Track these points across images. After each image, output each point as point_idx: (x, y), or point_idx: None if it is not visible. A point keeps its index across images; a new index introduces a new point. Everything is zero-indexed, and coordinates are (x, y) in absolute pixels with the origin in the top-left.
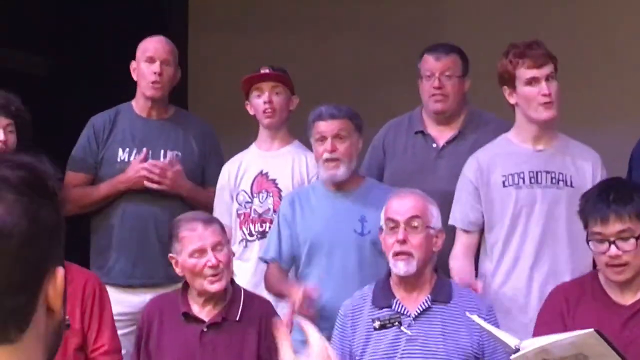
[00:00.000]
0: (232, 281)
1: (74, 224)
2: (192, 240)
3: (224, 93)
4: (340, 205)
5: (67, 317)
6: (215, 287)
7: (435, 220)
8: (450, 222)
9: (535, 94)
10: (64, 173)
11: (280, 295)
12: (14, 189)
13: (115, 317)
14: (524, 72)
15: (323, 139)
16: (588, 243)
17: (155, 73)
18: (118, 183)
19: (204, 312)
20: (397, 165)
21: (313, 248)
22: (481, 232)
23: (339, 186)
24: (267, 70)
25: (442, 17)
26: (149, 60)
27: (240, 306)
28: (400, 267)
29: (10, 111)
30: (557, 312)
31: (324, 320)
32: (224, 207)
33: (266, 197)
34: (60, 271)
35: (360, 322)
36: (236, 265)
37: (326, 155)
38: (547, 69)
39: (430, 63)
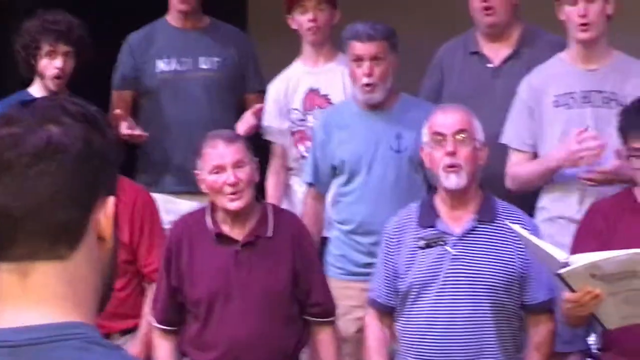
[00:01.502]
0: (258, 199)
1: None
2: (212, 157)
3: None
4: (376, 123)
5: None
6: (234, 205)
7: (480, 133)
8: (503, 140)
9: (573, 15)
10: None
11: None
12: (71, 116)
13: (165, 226)
14: None
15: (359, 60)
16: (628, 159)
17: None
18: None
19: (234, 232)
20: (454, 87)
21: (350, 167)
22: (534, 153)
23: (374, 105)
24: None
25: None
26: None
27: (271, 223)
28: (452, 180)
29: (71, 38)
30: (595, 229)
31: (363, 235)
32: (274, 124)
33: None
34: (111, 200)
35: (405, 241)
36: (295, 181)
37: (364, 80)
38: None
39: None
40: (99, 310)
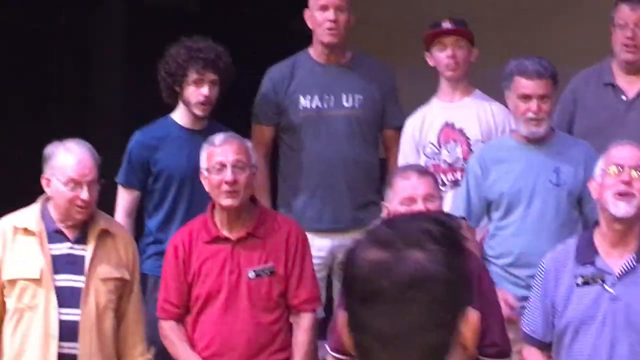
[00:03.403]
0: None
1: None
2: (404, 188)
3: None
4: (534, 157)
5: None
6: None
7: None
8: None
9: None
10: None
11: None
12: (436, 241)
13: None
14: None
15: (526, 97)
16: None
17: (330, 20)
18: None
19: None
20: (587, 118)
21: (509, 200)
22: None
23: (534, 139)
24: (448, 25)
25: None
26: (323, 9)
27: None
28: (620, 207)
29: (219, 67)
30: None
31: (521, 268)
32: (410, 160)
33: (454, 147)
34: (472, 313)
35: (563, 277)
36: None
37: (530, 115)
38: None
39: (625, 13)
40: None
